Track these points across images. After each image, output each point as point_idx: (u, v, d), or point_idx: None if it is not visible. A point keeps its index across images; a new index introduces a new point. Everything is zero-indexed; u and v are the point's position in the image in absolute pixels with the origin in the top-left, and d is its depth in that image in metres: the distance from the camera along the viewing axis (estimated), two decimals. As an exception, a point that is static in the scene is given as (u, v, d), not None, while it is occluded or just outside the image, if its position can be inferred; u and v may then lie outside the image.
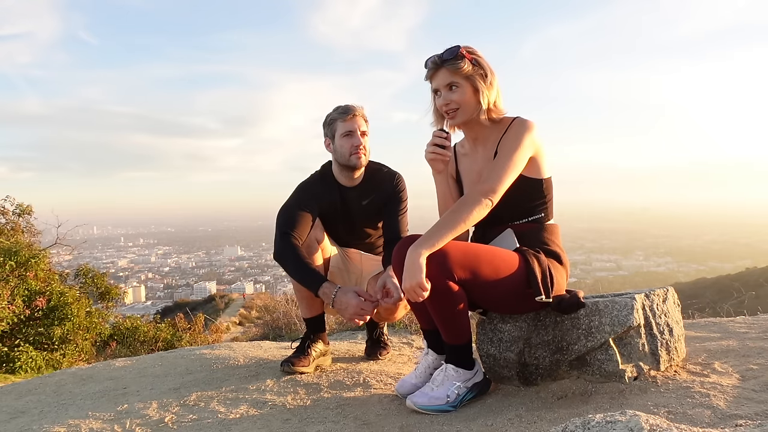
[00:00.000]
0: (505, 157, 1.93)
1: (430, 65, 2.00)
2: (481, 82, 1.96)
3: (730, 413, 1.54)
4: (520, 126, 1.98)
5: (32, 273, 7.92)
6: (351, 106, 2.49)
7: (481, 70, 1.97)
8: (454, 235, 1.84)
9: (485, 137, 2.07)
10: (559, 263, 2.03)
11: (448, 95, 1.98)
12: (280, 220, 2.47)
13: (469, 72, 1.95)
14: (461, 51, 1.95)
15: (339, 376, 2.43)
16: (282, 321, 6.17)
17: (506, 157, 1.93)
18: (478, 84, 1.96)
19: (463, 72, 1.95)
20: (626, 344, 1.94)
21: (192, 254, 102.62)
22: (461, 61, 1.94)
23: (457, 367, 1.97)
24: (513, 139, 1.96)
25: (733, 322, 2.78)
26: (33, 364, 7.07)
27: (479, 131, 2.07)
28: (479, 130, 2.07)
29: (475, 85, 1.97)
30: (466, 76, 1.96)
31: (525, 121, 1.99)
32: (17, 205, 10.52)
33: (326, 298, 2.28)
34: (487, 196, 1.89)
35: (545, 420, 1.70)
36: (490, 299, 2.00)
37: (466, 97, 1.97)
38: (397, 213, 2.58)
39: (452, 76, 1.96)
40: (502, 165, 1.92)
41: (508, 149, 1.94)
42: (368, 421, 1.89)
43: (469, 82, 1.97)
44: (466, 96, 1.97)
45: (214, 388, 2.30)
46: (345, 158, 2.49)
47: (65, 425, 1.95)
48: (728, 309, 4.02)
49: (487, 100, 1.97)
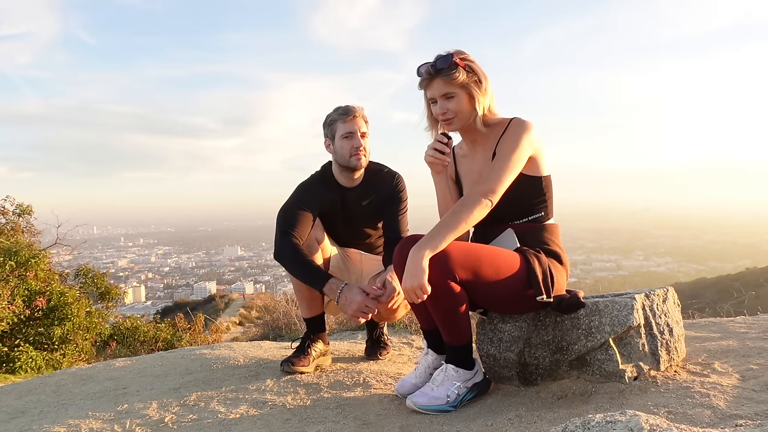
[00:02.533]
0: (503, 158, 1.94)
1: (424, 75, 1.99)
2: (476, 89, 1.97)
3: (730, 413, 1.54)
4: (518, 127, 1.98)
5: (32, 273, 7.92)
6: (351, 107, 2.49)
7: (475, 76, 1.97)
8: (456, 236, 1.84)
9: (484, 139, 2.07)
10: (559, 263, 2.03)
11: (445, 104, 1.98)
12: (280, 220, 2.47)
13: (464, 81, 1.95)
14: (455, 59, 1.93)
15: (339, 376, 2.43)
16: (282, 321, 6.18)
17: (505, 157, 1.94)
18: (473, 91, 1.97)
19: (457, 81, 1.94)
20: (626, 344, 1.94)
21: (192, 254, 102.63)
22: (455, 70, 1.93)
23: (457, 367, 1.97)
24: (511, 139, 1.96)
25: (733, 322, 2.78)
26: (33, 364, 7.07)
27: (477, 134, 2.08)
28: (477, 134, 2.07)
29: (470, 92, 1.97)
30: (461, 84, 1.95)
31: (523, 122, 1.99)
32: (17, 205, 10.52)
33: (332, 294, 2.28)
34: (486, 197, 1.89)
35: (545, 420, 1.70)
36: (491, 299, 2.01)
37: (462, 105, 1.98)
38: (397, 213, 2.58)
39: (447, 86, 1.96)
40: (501, 165, 1.93)
41: (506, 150, 1.95)
42: (368, 421, 1.89)
43: (464, 90, 1.97)
44: (462, 105, 1.98)
45: (214, 388, 2.30)
46: (345, 159, 2.49)
47: (65, 425, 1.95)
48: (728, 309, 4.02)
49: (482, 106, 1.98)
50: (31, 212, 10.64)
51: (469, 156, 2.16)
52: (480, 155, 2.10)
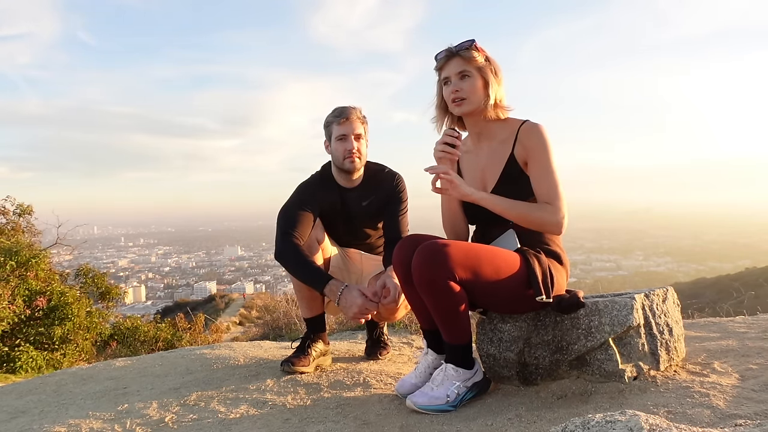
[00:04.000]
0: (548, 172, 1.94)
1: (444, 54, 2.03)
2: (492, 76, 2.00)
3: (730, 413, 1.54)
4: (537, 134, 1.97)
5: (33, 273, 7.92)
6: (346, 108, 2.49)
7: (492, 65, 2.01)
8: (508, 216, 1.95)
9: (490, 134, 2.07)
10: (559, 263, 2.03)
11: (459, 83, 2.00)
12: (281, 220, 2.47)
13: (482, 64, 1.99)
14: (476, 44, 1.99)
15: (339, 376, 2.43)
16: (282, 321, 6.18)
17: (548, 171, 1.94)
18: (489, 77, 1.99)
19: (475, 62, 1.99)
20: (626, 344, 1.94)
21: (192, 254, 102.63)
22: (476, 51, 1.98)
23: (457, 367, 1.97)
24: (540, 150, 1.96)
25: (732, 322, 2.78)
26: (33, 363, 7.07)
27: (483, 126, 2.07)
28: (483, 125, 2.07)
29: (485, 77, 1.99)
30: (478, 67, 1.99)
31: (537, 126, 1.99)
32: (18, 205, 10.53)
33: (332, 296, 2.28)
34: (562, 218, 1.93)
35: (545, 420, 1.70)
36: (490, 299, 2.00)
37: (475, 87, 1.99)
38: (398, 213, 2.59)
39: (465, 65, 1.99)
40: (551, 180, 1.94)
41: (543, 165, 1.95)
42: (368, 421, 1.89)
43: (480, 74, 1.99)
44: (476, 86, 1.99)
45: (214, 388, 2.30)
46: (339, 162, 2.50)
47: (65, 425, 1.96)
48: (728, 309, 4.02)
49: (495, 94, 2.00)
50: (32, 212, 10.65)
51: (473, 152, 2.15)
52: (485, 151, 2.09)
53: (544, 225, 1.95)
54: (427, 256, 1.83)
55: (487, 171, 2.08)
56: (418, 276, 1.86)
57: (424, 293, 1.88)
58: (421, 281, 1.86)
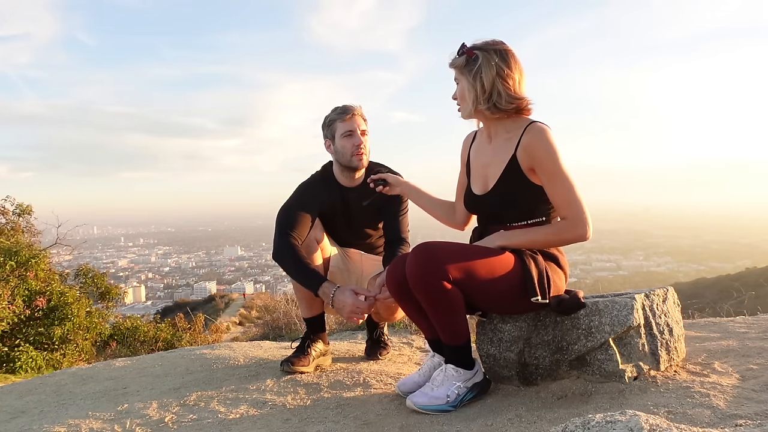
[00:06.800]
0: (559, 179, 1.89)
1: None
2: (468, 79, 1.96)
3: (730, 413, 1.54)
4: (540, 141, 1.90)
5: (32, 273, 7.92)
6: (349, 105, 2.49)
7: (473, 66, 1.94)
8: (534, 246, 1.97)
9: (497, 132, 2.04)
10: (557, 265, 2.02)
11: (456, 90, 2.03)
12: (279, 220, 2.47)
13: (462, 68, 1.97)
14: (464, 48, 1.98)
15: (339, 376, 2.43)
16: (282, 321, 6.18)
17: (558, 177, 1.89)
18: (464, 80, 1.98)
19: (457, 67, 1.99)
20: (626, 344, 1.94)
21: (192, 254, 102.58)
22: (458, 57, 1.98)
23: (457, 367, 1.97)
24: (546, 158, 1.90)
25: (733, 322, 2.78)
26: (33, 364, 7.07)
27: (491, 124, 2.05)
28: (491, 123, 2.05)
29: (468, 81, 1.97)
30: (461, 71, 1.99)
31: (541, 132, 1.92)
32: (17, 205, 10.53)
33: (326, 298, 2.28)
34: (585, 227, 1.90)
35: (545, 420, 1.70)
36: (486, 300, 2.00)
37: (462, 93, 2.00)
38: (398, 213, 2.58)
39: (455, 72, 2.01)
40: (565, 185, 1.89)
41: (552, 172, 1.89)
42: (368, 421, 1.89)
43: (464, 78, 1.98)
44: (462, 92, 2.00)
45: (214, 388, 2.30)
46: (346, 159, 2.48)
47: (65, 425, 1.96)
48: (728, 309, 4.02)
49: (472, 96, 1.95)
50: (31, 212, 10.64)
51: (482, 148, 2.13)
52: (491, 149, 2.06)
53: (570, 241, 1.94)
54: (421, 256, 1.84)
55: (489, 169, 2.06)
56: (412, 277, 1.86)
57: (419, 294, 1.88)
58: (415, 282, 1.86)
